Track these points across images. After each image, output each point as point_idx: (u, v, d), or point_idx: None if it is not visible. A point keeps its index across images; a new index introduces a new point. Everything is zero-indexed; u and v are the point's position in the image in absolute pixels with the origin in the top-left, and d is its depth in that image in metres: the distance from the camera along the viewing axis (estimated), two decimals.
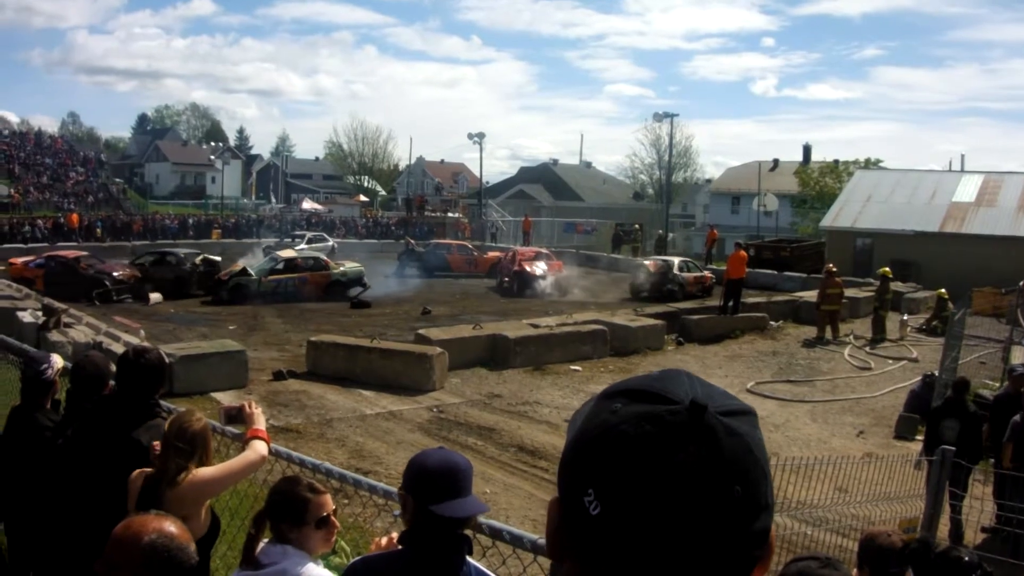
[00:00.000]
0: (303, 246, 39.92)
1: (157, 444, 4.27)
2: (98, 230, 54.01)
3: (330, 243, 42.60)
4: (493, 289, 36.58)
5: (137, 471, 4.20)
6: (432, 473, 3.17)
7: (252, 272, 31.86)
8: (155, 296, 30.21)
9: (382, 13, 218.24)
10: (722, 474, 1.07)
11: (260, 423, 4.71)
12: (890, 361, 22.58)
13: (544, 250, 40.70)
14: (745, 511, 1.08)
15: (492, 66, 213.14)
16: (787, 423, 16.50)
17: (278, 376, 17.64)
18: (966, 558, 4.17)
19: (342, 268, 33.80)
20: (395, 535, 4.73)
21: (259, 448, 4.55)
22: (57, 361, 5.85)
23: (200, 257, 34.56)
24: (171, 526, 2.91)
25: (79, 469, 4.62)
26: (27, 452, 5.23)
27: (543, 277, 35.06)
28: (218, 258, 36.38)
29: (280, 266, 32.54)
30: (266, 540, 3.77)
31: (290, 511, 3.74)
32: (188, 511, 4.06)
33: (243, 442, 4.66)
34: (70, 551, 4.37)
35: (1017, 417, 10.78)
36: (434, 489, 3.12)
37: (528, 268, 35.46)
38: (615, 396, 1.16)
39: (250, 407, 4.82)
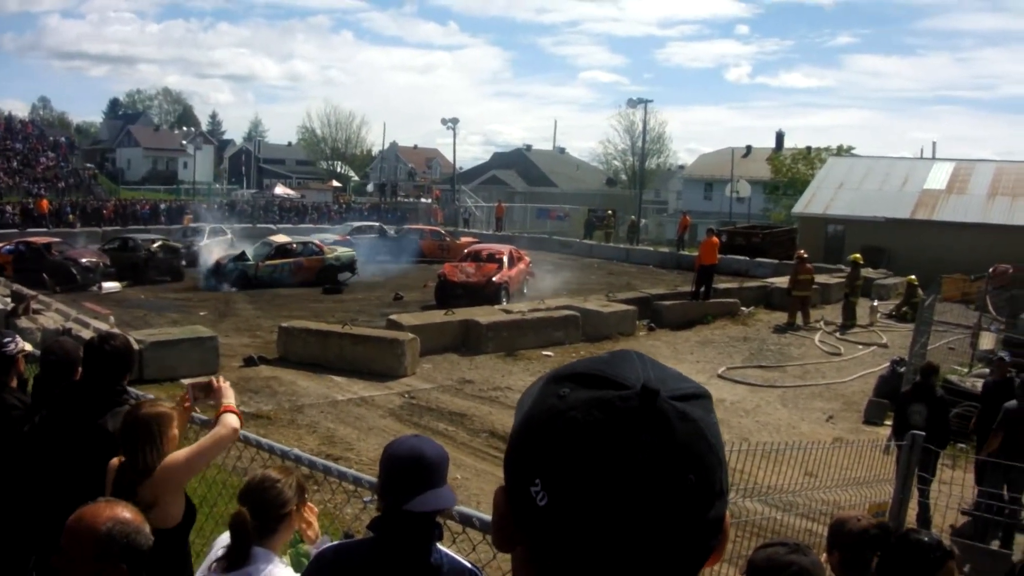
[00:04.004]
0: (205, 240, 39.44)
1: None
2: (70, 216, 53.50)
3: (228, 235, 42.01)
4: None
5: (115, 459, 4.15)
6: (399, 465, 3.17)
7: (250, 257, 31.99)
8: (109, 284, 29.94)
9: None
10: (675, 462, 1.03)
11: (229, 398, 4.66)
12: (860, 347, 22.70)
13: (507, 247, 31.85)
14: (699, 499, 1.05)
15: (466, 52, 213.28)
16: (757, 408, 16.57)
17: (249, 362, 17.57)
18: (926, 539, 4.20)
19: (335, 253, 34.02)
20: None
21: (229, 422, 4.47)
22: (24, 343, 5.79)
23: (158, 243, 34.71)
24: (124, 511, 2.90)
25: (46, 456, 4.58)
26: None
27: (480, 285, 26.95)
28: (179, 244, 36.65)
29: (274, 251, 32.66)
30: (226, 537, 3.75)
31: (301, 498, 3.75)
32: (165, 498, 4.03)
33: (213, 419, 4.61)
34: (34, 537, 4.33)
35: (1012, 404, 10.83)
36: (402, 482, 3.11)
37: (454, 278, 27.59)
38: (563, 380, 1.11)
39: (218, 382, 4.77)
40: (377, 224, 48.06)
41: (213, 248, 36.46)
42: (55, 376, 5.22)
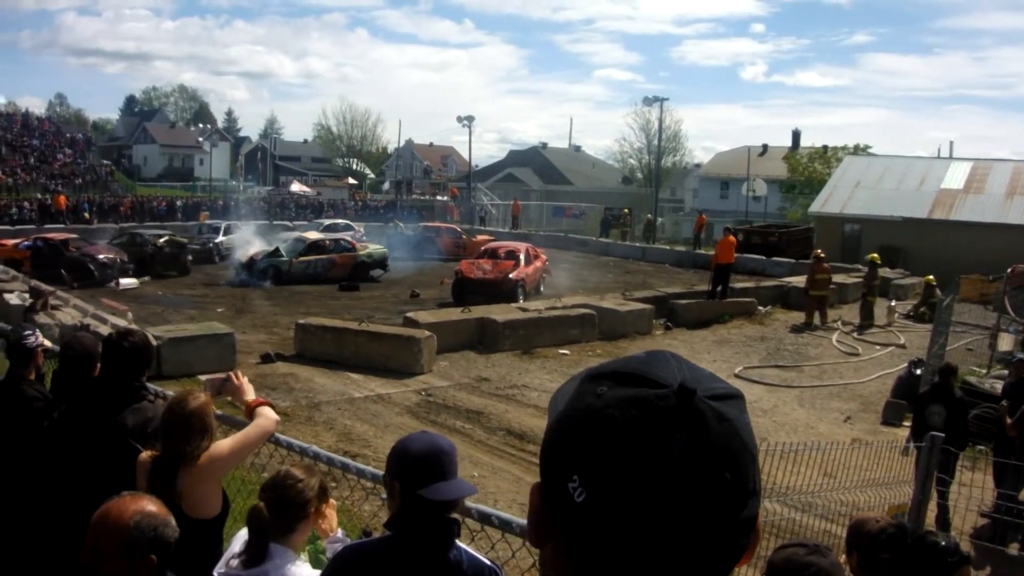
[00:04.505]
0: (221, 237, 40.06)
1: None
2: (86, 213, 53.64)
3: (244, 232, 41.72)
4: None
5: (146, 453, 4.16)
6: (417, 457, 3.16)
7: (284, 253, 32.42)
8: (127, 281, 30.16)
9: None
10: (712, 461, 1.04)
11: (250, 394, 4.69)
12: (878, 347, 22.61)
13: (524, 245, 32.00)
14: (734, 498, 1.06)
15: (482, 49, 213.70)
16: (775, 408, 16.52)
17: (266, 359, 17.62)
18: (943, 543, 4.17)
19: (367, 250, 34.62)
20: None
21: (270, 414, 4.56)
22: (42, 338, 5.83)
23: (165, 238, 35.49)
24: (150, 505, 2.91)
25: (65, 452, 4.59)
26: (16, 424, 5.18)
27: (497, 282, 27.00)
28: (185, 239, 37.38)
29: (307, 248, 33.15)
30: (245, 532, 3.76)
31: (322, 498, 3.78)
32: (206, 489, 4.06)
33: (247, 412, 4.63)
34: (52, 534, 4.34)
35: None
36: (420, 473, 3.10)
37: (471, 275, 27.62)
38: (600, 378, 1.12)
39: (237, 378, 4.79)
40: (344, 222, 47.89)
41: (247, 244, 36.62)
42: (74, 371, 5.22)
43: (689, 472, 1.03)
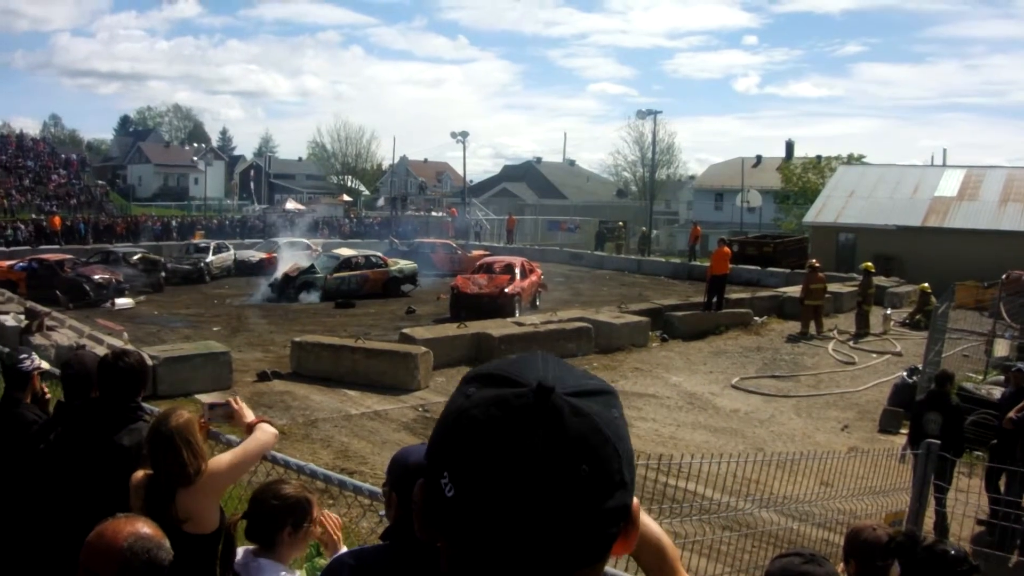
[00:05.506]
0: (211, 257, 40.71)
1: None
2: (78, 234, 53.57)
3: (231, 251, 43.04)
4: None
5: (140, 472, 4.15)
6: (416, 469, 3.17)
7: (318, 270, 32.88)
8: (122, 301, 30.11)
9: (365, 13, 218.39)
10: (567, 454, 1.10)
11: (248, 417, 4.68)
12: (874, 355, 22.63)
13: (519, 259, 31.74)
14: (595, 489, 1.12)
15: (476, 65, 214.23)
16: (772, 418, 16.53)
17: (262, 377, 17.59)
18: (952, 552, 4.14)
19: (398, 266, 35.33)
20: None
21: (269, 429, 4.55)
22: (40, 360, 5.82)
23: (138, 255, 36.17)
24: (144, 527, 2.91)
25: (62, 474, 4.58)
26: (14, 448, 5.17)
27: (493, 296, 27.03)
28: (159, 257, 38.03)
29: (340, 264, 33.68)
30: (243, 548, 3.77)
31: (299, 513, 3.76)
32: (204, 504, 4.05)
33: (246, 432, 4.63)
34: (51, 556, 4.33)
35: None
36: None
37: (467, 289, 27.63)
38: (472, 380, 1.21)
39: (236, 403, 4.79)
40: (304, 240, 48.00)
41: (288, 260, 37.01)
42: (73, 389, 5.22)
43: (546, 466, 1.09)
